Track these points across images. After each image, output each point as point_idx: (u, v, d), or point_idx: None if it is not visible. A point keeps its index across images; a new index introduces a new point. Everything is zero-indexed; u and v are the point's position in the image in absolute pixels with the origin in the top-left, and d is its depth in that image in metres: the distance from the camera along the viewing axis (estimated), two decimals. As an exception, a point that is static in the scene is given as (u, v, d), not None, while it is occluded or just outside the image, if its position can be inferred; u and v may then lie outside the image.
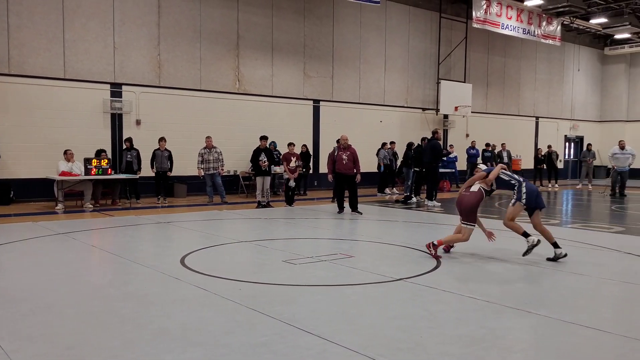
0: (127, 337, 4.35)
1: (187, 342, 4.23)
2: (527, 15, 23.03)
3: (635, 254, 8.04)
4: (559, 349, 4.18)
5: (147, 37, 15.54)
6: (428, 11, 22.09)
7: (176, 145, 15.46)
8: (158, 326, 4.60)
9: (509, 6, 22.20)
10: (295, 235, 9.85)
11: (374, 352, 4.00)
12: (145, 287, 5.89)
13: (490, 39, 24.16)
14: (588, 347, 4.23)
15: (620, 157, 18.31)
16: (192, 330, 4.49)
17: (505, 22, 22.19)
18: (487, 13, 21.46)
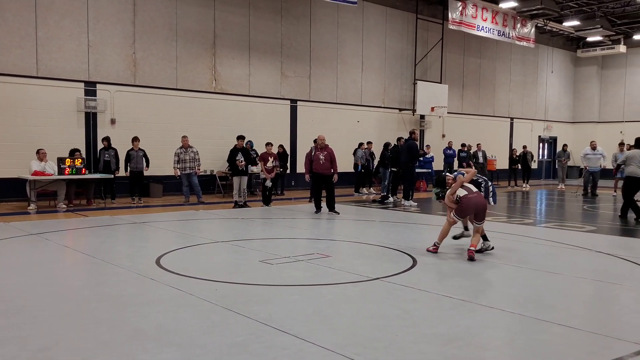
0: (101, 338, 4.30)
1: (162, 342, 4.20)
2: (502, 17, 23.33)
3: (605, 253, 8.20)
4: (531, 346, 4.25)
5: (122, 35, 15.37)
6: (405, 12, 22.23)
7: (152, 145, 15.31)
8: (133, 327, 4.56)
9: (484, 8, 22.46)
10: (273, 235, 9.84)
11: (350, 352, 4.03)
12: (120, 288, 5.83)
13: (465, 40, 24.41)
14: (560, 345, 4.31)
15: (592, 158, 18.66)
16: (168, 331, 4.46)
17: (480, 23, 22.45)
18: (463, 15, 21.68)
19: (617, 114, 29.96)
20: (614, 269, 7.22)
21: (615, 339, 4.41)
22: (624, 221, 12.16)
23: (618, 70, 29.93)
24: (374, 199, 16.56)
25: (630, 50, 28.57)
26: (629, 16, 26.15)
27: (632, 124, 28.84)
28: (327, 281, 6.23)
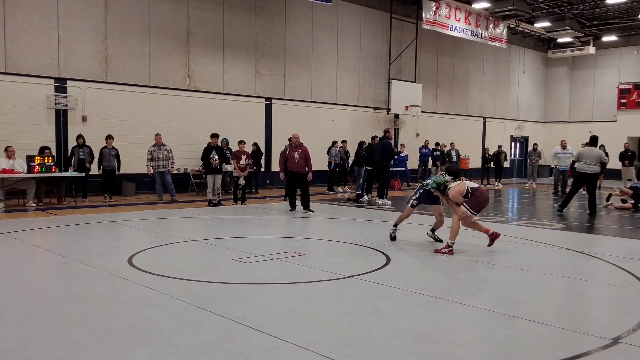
0: (71, 338, 4.24)
1: (134, 342, 4.16)
2: (475, 18, 23.60)
3: (574, 250, 8.37)
4: (502, 342, 4.32)
5: (93, 31, 15.13)
6: (379, 11, 22.34)
7: (124, 143, 15.12)
8: (104, 327, 4.50)
9: (457, 8, 22.69)
10: (247, 233, 9.81)
11: (323, 349, 4.04)
12: (90, 288, 5.75)
13: (439, 40, 24.64)
14: (529, 340, 4.38)
15: (562, 157, 19.00)
16: (140, 331, 4.42)
17: (454, 24, 22.68)
18: (437, 15, 21.87)
19: (586, 114, 30.56)
20: (582, 266, 7.37)
21: (583, 334, 4.50)
22: (560, 214, 12.59)
23: (587, 71, 30.53)
24: (349, 197, 16.62)
25: (599, 51, 29.16)
26: (598, 18, 26.70)
27: (600, 123, 29.45)
28: (301, 279, 6.24)
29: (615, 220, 12.49)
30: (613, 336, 4.41)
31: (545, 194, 19.14)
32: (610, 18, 26.64)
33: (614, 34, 28.02)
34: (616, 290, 6.12)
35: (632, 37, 28.47)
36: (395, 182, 20.06)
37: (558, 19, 25.84)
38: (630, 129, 28.12)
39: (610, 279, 6.64)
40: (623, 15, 25.92)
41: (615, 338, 4.37)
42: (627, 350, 4.17)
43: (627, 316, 5.01)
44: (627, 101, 28.72)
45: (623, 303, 5.61)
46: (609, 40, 28.45)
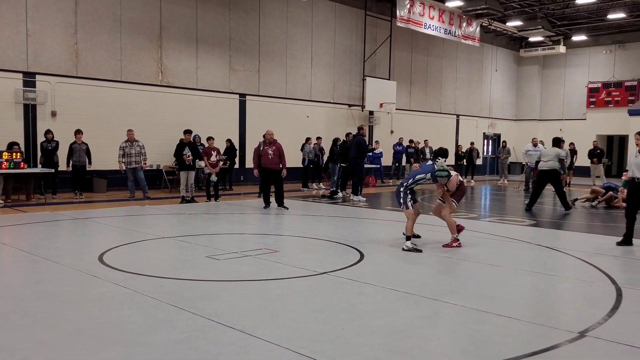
0: (39, 337, 4.17)
1: (104, 341, 4.11)
2: (449, 16, 23.80)
3: (544, 246, 8.52)
4: (471, 336, 4.37)
5: (63, 24, 14.85)
6: (354, 8, 22.37)
7: (95, 139, 14.88)
8: (73, 326, 4.44)
9: (431, 6, 22.85)
10: (220, 230, 9.76)
11: (296, 345, 4.04)
12: (60, 286, 5.66)
13: (413, 38, 24.79)
14: (499, 334, 4.45)
15: (533, 154, 19.26)
16: (110, 329, 4.37)
17: (427, 22, 22.83)
18: (411, 12, 21.99)
19: (557, 112, 31.09)
20: (551, 261, 7.51)
21: (551, 328, 4.59)
22: (529, 212, 12.81)
23: (558, 70, 31.04)
24: (323, 194, 16.64)
25: (569, 50, 29.68)
26: (568, 18, 27.17)
27: (570, 122, 30.01)
28: (275, 276, 6.23)
29: (585, 217, 12.75)
30: (580, 330, 4.50)
31: (517, 191, 19.42)
32: (580, 18, 27.13)
33: (583, 33, 28.55)
34: (583, 284, 6.25)
35: (601, 37, 29.05)
36: (369, 179, 20.15)
37: (529, 18, 26.22)
38: (599, 127, 28.71)
39: (578, 273, 6.78)
40: (592, 15, 26.42)
41: (582, 332, 4.47)
42: (594, 343, 4.26)
43: (593, 310, 5.12)
44: (596, 100, 29.30)
45: (590, 297, 5.73)
46: (578, 39, 28.97)
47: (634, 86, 28.06)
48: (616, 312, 5.04)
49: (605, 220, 12.21)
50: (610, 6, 24.59)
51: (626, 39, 28.39)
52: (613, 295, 5.61)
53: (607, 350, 4.13)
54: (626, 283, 6.13)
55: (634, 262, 7.55)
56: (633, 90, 28.07)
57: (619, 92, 28.55)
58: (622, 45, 28.53)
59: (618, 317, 4.92)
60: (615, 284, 6.09)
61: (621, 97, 28.41)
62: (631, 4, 24.29)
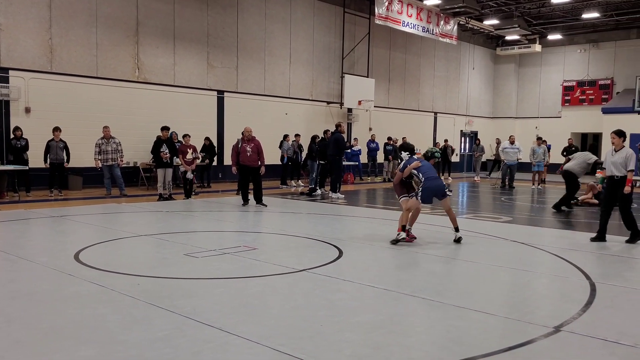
0: (13, 337, 4.10)
1: (80, 340, 4.05)
2: (427, 14, 23.94)
3: (520, 242, 8.63)
4: (449, 332, 4.42)
5: (37, 19, 14.58)
6: (332, 5, 22.37)
7: (71, 135, 14.65)
8: (49, 325, 4.37)
9: (409, 4, 22.95)
10: (198, 228, 9.69)
11: (275, 342, 4.04)
12: (34, 285, 5.57)
13: (392, 35, 24.88)
14: (475, 330, 4.50)
15: (510, 152, 19.54)
16: (86, 328, 4.31)
17: (406, 19, 22.93)
18: (389, 10, 22.06)
19: (532, 110, 31.50)
20: (527, 257, 7.62)
21: (527, 323, 4.65)
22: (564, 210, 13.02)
23: (534, 69, 31.45)
24: (302, 191, 16.63)
25: (545, 49, 30.08)
26: (544, 17, 27.54)
27: (545, 119, 30.45)
28: (254, 273, 6.21)
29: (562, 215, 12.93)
30: (555, 324, 4.57)
31: (493, 187, 19.64)
32: (555, 17, 27.51)
33: (558, 32, 28.97)
34: (558, 280, 6.35)
35: (576, 36, 29.50)
36: (348, 176, 20.19)
37: (506, 17, 26.51)
38: (573, 125, 29.18)
39: (553, 269, 6.89)
40: (567, 14, 26.81)
41: (557, 326, 4.54)
42: (568, 337, 4.34)
43: (568, 305, 5.21)
44: (571, 98, 29.76)
45: (565, 292, 5.83)
46: (554, 38, 29.38)
47: (607, 85, 28.57)
48: (590, 307, 5.13)
49: (580, 217, 12.41)
50: (585, 6, 24.99)
51: (600, 38, 28.88)
52: (587, 290, 5.71)
53: (582, 345, 4.20)
54: (599, 278, 6.24)
55: (607, 257, 7.70)
56: (606, 89, 28.58)
57: (593, 90, 29.04)
58: (596, 44, 29.03)
59: (592, 311, 5.01)
60: (589, 279, 6.20)
61: (595, 96, 28.91)
62: (605, 3, 24.72)
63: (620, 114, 25.10)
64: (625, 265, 7.32)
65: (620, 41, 28.22)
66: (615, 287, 5.95)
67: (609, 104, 27.35)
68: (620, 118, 24.57)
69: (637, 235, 8.68)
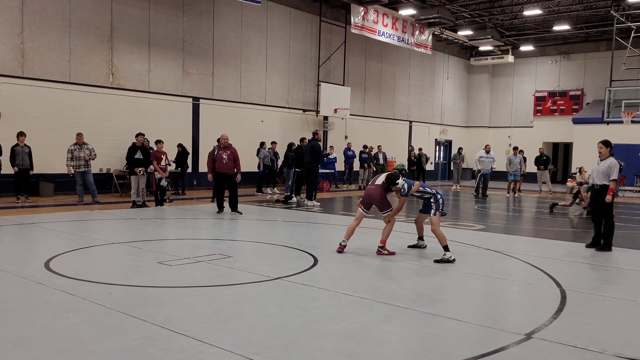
0: (-20, 348, 4.00)
1: (51, 350, 3.98)
2: (402, 24, 24.19)
3: (493, 250, 8.74)
4: (423, 339, 4.45)
5: (8, 22, 14.33)
6: (309, 14, 22.45)
7: (42, 141, 14.42)
8: (18, 335, 4.28)
9: (384, 14, 23.16)
10: (172, 235, 9.61)
11: (249, 351, 4.02)
12: (3, 294, 5.45)
13: (367, 44, 25.06)
14: (449, 337, 4.54)
15: (485, 161, 19.78)
16: (57, 338, 4.24)
17: (381, 29, 23.14)
18: (365, 20, 22.24)
19: (505, 119, 31.98)
20: (499, 265, 7.71)
21: (499, 330, 4.71)
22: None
23: (506, 79, 31.96)
24: (278, 198, 16.59)
25: (517, 60, 30.62)
26: (517, 28, 28.06)
27: (518, 129, 30.93)
28: (228, 282, 6.17)
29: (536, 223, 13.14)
30: (527, 332, 4.64)
31: (470, 196, 19.83)
32: (527, 29, 28.05)
33: (531, 44, 29.53)
34: (530, 287, 6.45)
35: (547, 47, 30.09)
36: (324, 184, 20.22)
37: (479, 28, 26.94)
38: (545, 135, 29.70)
39: (525, 277, 6.99)
40: (539, 26, 27.35)
41: (528, 333, 4.60)
42: (540, 344, 4.40)
43: (539, 312, 5.29)
44: (543, 108, 30.30)
45: (536, 300, 5.91)
46: (526, 49, 29.93)
47: (577, 95, 29.17)
48: (560, 314, 5.22)
49: (553, 225, 12.62)
50: (556, 18, 25.54)
51: (571, 50, 29.51)
52: (558, 298, 5.80)
53: (552, 351, 4.27)
54: (570, 286, 6.35)
55: (578, 265, 7.83)
56: (577, 100, 29.18)
57: (564, 101, 29.62)
58: (567, 56, 29.65)
59: (562, 318, 5.10)
60: (559, 286, 6.31)
61: (566, 106, 29.49)
62: (575, 17, 25.30)
63: (590, 124, 25.65)
64: (596, 273, 7.47)
65: (590, 53, 28.87)
66: (585, 294, 6.06)
67: (579, 115, 27.93)
68: (590, 128, 25.13)
69: (608, 246, 8.85)
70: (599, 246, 8.90)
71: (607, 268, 7.73)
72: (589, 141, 25.37)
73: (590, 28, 26.70)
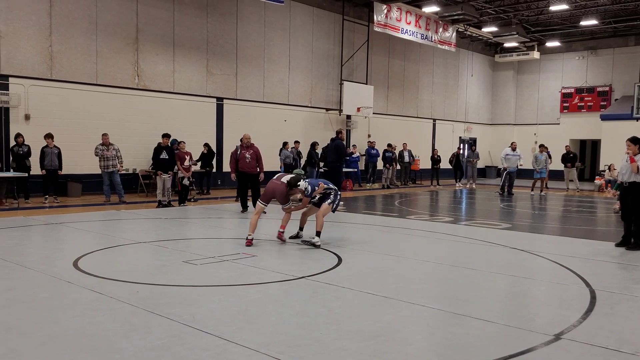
0: (10, 345, 4.08)
1: (78, 348, 4.03)
2: (425, 22, 24.01)
3: (519, 249, 8.62)
4: (449, 339, 4.40)
5: (37, 26, 14.61)
6: (331, 13, 22.43)
7: (69, 142, 14.66)
8: (46, 333, 4.35)
9: (408, 12, 23.03)
10: (197, 235, 9.68)
11: (273, 350, 4.02)
12: (32, 292, 5.55)
13: (390, 42, 24.93)
14: (475, 337, 4.49)
15: (512, 158, 19.52)
16: (84, 336, 4.29)
17: (404, 27, 23.00)
18: (388, 17, 22.13)
19: (531, 116, 31.54)
20: (526, 264, 7.60)
21: (527, 330, 4.64)
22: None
23: (532, 75, 31.51)
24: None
25: (543, 56, 30.15)
26: (542, 24, 27.61)
27: (544, 126, 30.49)
28: (252, 281, 6.20)
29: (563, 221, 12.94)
30: (555, 332, 4.56)
31: (496, 194, 19.59)
32: (553, 24, 27.58)
33: (557, 39, 29.03)
34: (558, 287, 6.34)
35: (574, 43, 29.58)
36: (347, 183, 20.19)
37: (504, 24, 26.59)
38: (572, 132, 29.19)
39: (553, 276, 6.87)
40: (565, 22, 26.88)
41: (557, 334, 4.52)
42: (569, 345, 4.32)
43: (568, 312, 5.20)
44: (569, 105, 29.81)
45: (564, 300, 5.81)
46: (552, 45, 29.44)
47: (605, 91, 28.62)
48: (590, 315, 5.12)
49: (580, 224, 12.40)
50: (583, 13, 25.07)
51: (598, 46, 28.96)
52: (587, 298, 5.69)
53: (582, 353, 4.19)
54: (599, 285, 6.23)
55: (606, 264, 7.68)
56: (605, 96, 28.63)
57: (591, 97, 29.09)
58: (595, 51, 29.10)
59: (592, 319, 5.00)
60: (589, 286, 6.19)
61: (593, 102, 28.96)
62: (603, 11, 24.79)
63: (618, 120, 25.16)
64: (626, 272, 7.32)
65: (619, 48, 28.30)
66: (615, 294, 5.94)
67: (607, 111, 27.39)
68: (618, 125, 24.64)
69: (639, 245, 8.65)
70: (629, 245, 8.72)
71: (638, 268, 7.56)
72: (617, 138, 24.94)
73: (618, 22, 26.14)
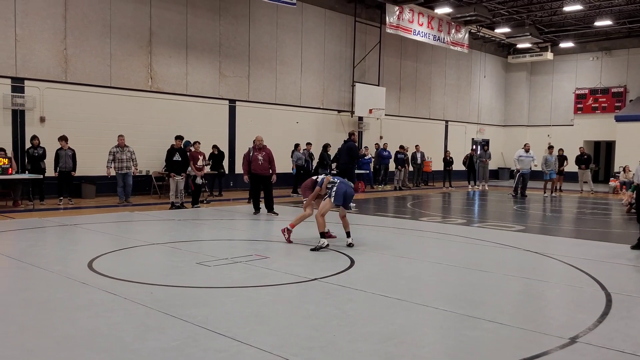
0: (26, 345, 4.12)
1: (92, 349, 4.06)
2: (437, 23, 23.94)
3: (532, 251, 8.55)
4: (462, 342, 4.38)
5: (52, 30, 14.76)
6: (343, 15, 22.44)
7: (84, 144, 14.80)
8: (61, 333, 4.39)
9: (420, 13, 22.97)
10: (210, 236, 9.72)
11: (287, 352, 4.03)
12: (48, 293, 5.60)
13: (402, 44, 24.89)
14: (489, 340, 4.46)
15: (525, 160, 19.37)
16: (99, 337, 4.33)
17: (416, 28, 22.95)
18: (400, 19, 22.10)
19: (544, 118, 31.32)
20: (540, 267, 7.55)
21: (542, 333, 4.60)
22: None
23: (545, 77, 31.29)
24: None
25: (556, 57, 29.92)
26: (556, 25, 27.42)
27: (558, 127, 30.26)
28: (265, 282, 6.21)
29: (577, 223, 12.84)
30: (571, 336, 4.52)
31: (509, 196, 19.46)
32: (567, 25, 27.38)
33: (570, 40, 28.80)
34: (573, 290, 6.28)
35: (588, 43, 29.33)
36: (359, 185, 20.16)
37: (517, 25, 26.43)
38: (586, 133, 28.95)
39: (568, 279, 6.82)
40: (579, 22, 26.67)
41: (572, 337, 4.48)
42: (584, 349, 4.28)
43: (583, 316, 5.15)
44: (584, 106, 29.56)
45: (580, 303, 5.76)
46: (566, 46, 29.22)
47: (620, 92, 28.35)
48: (606, 318, 5.07)
49: (595, 226, 12.29)
50: (597, 14, 24.86)
51: (612, 46, 28.70)
52: (603, 301, 5.64)
53: (598, 356, 4.15)
54: (615, 288, 6.17)
55: (622, 267, 7.61)
56: (619, 97, 28.36)
57: (605, 98, 28.83)
58: (609, 52, 28.84)
59: (608, 322, 4.95)
60: (604, 289, 6.13)
61: (608, 104, 28.70)
62: (617, 11, 24.58)
63: (633, 121, 24.92)
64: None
65: (634, 49, 28.02)
66: (632, 297, 5.88)
67: (622, 112, 27.12)
68: (633, 126, 24.42)
69: None
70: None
71: (653, 270, 7.49)
72: (633, 139, 24.80)
73: (633, 23, 25.89)
